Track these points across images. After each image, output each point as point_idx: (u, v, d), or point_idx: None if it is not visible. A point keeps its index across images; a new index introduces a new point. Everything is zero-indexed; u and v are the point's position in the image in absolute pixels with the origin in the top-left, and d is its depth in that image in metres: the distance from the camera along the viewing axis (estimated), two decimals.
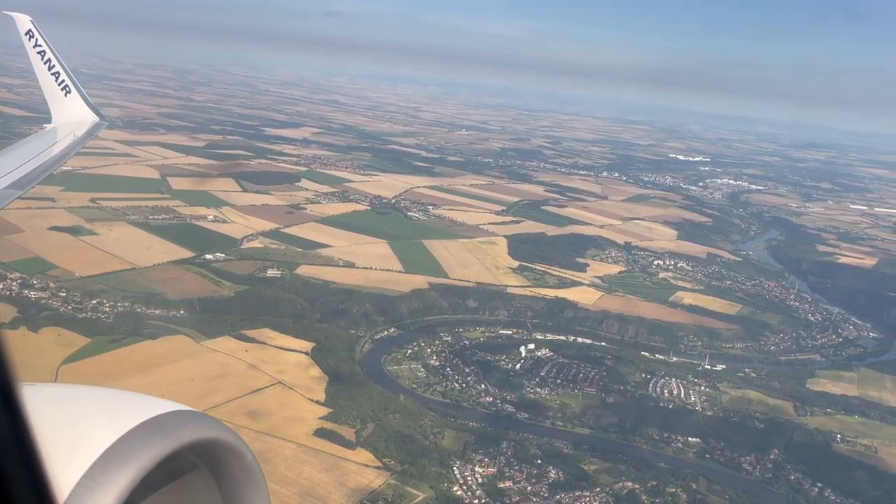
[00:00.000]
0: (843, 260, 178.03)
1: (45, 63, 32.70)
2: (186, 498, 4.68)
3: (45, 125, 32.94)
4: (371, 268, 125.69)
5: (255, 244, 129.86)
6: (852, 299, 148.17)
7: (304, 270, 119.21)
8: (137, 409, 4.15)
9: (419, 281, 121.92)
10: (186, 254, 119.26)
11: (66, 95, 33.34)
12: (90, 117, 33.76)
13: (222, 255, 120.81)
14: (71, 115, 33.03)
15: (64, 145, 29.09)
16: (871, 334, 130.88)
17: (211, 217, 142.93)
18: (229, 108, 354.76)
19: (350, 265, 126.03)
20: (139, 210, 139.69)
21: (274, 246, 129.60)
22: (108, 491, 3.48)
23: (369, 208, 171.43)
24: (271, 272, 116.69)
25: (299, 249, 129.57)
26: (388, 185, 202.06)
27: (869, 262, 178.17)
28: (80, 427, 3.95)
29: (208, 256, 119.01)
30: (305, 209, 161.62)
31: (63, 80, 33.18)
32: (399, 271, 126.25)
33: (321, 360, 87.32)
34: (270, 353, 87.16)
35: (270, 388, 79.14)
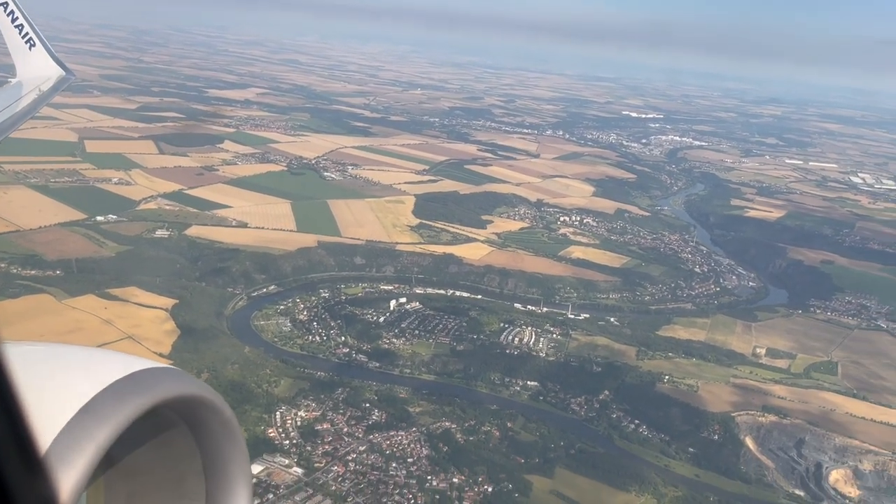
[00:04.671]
0: (751, 213, 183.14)
1: (7, 15, 31.72)
2: (166, 454, 4.80)
3: (9, 79, 31.97)
4: (263, 227, 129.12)
5: (152, 206, 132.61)
6: (745, 250, 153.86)
7: (193, 231, 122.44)
8: (115, 365, 4.19)
9: (309, 240, 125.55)
10: (78, 216, 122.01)
11: (30, 49, 32.41)
12: (56, 71, 32.72)
13: (114, 216, 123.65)
14: (36, 69, 32.07)
15: (29, 100, 28.71)
16: (750, 284, 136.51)
17: (115, 180, 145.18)
18: (179, 69, 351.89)
19: (243, 225, 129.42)
20: (42, 173, 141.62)
21: (169, 207, 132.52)
22: (87, 445, 3.52)
23: (285, 169, 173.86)
24: (160, 233, 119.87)
25: (194, 210, 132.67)
26: (314, 145, 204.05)
27: (777, 214, 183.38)
28: (57, 383, 3.97)
29: (99, 218, 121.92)
30: (218, 171, 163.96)
31: (27, 34, 32.27)
32: (291, 231, 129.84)
33: (179, 316, 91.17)
34: (129, 310, 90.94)
35: (119, 341, 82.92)
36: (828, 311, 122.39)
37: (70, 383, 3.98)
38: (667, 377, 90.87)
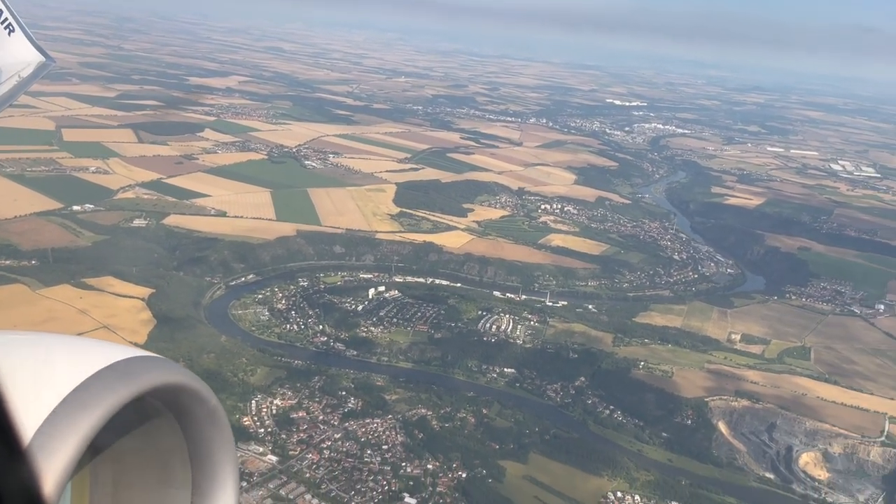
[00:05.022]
0: (731, 201, 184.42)
1: None
2: (151, 443, 4.79)
3: None
4: (242, 217, 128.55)
5: (130, 195, 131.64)
6: (724, 237, 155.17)
7: (171, 220, 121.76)
8: (100, 354, 4.13)
9: (288, 229, 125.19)
10: (54, 205, 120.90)
11: (9, 34, 28.51)
12: (36, 58, 28.85)
13: (91, 206, 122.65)
14: (15, 55, 28.72)
15: (9, 86, 26.09)
16: (728, 270, 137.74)
17: (93, 168, 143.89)
18: (160, 56, 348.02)
19: (222, 214, 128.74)
20: (18, 162, 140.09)
21: (147, 196, 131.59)
22: (71, 435, 3.50)
23: (266, 158, 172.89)
24: (137, 222, 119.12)
25: (173, 199, 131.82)
26: (296, 133, 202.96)
27: (756, 201, 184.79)
28: (41, 373, 3.92)
29: (76, 207, 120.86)
30: (198, 159, 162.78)
31: (6, 19, 30.10)
32: (270, 219, 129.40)
33: (155, 306, 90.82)
34: (105, 300, 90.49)
35: (94, 331, 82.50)
36: (803, 297, 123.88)
37: (54, 372, 3.92)
38: (642, 363, 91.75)
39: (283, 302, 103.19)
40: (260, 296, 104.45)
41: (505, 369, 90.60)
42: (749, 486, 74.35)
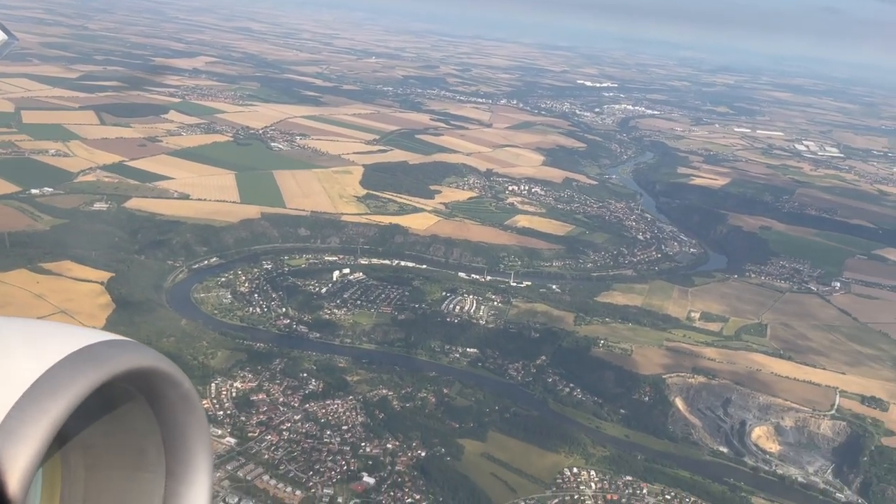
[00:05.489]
0: (696, 181, 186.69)
1: None
2: (124, 428, 4.70)
3: None
4: (205, 199, 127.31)
5: (90, 178, 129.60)
6: (689, 217, 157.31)
7: (133, 203, 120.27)
8: (68, 338, 4.02)
9: (252, 211, 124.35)
10: (12, 189, 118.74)
11: None
12: None
13: (50, 189, 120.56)
14: None
15: None
16: (691, 250, 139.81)
17: (53, 151, 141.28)
18: (125, 37, 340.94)
19: (185, 197, 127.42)
20: None
21: (108, 179, 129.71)
22: (40, 422, 3.42)
23: (231, 140, 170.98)
24: (98, 205, 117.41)
25: (135, 182, 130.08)
26: (263, 115, 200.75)
27: (721, 182, 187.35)
28: (7, 358, 3.82)
29: (34, 191, 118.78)
30: (161, 141, 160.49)
31: None
32: (234, 202, 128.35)
33: (115, 290, 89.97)
34: (63, 284, 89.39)
35: (51, 316, 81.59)
36: (762, 275, 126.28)
37: (21, 358, 3.81)
38: (602, 342, 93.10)
39: (247, 285, 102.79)
40: (223, 279, 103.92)
41: (467, 349, 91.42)
42: (703, 460, 76.23)
